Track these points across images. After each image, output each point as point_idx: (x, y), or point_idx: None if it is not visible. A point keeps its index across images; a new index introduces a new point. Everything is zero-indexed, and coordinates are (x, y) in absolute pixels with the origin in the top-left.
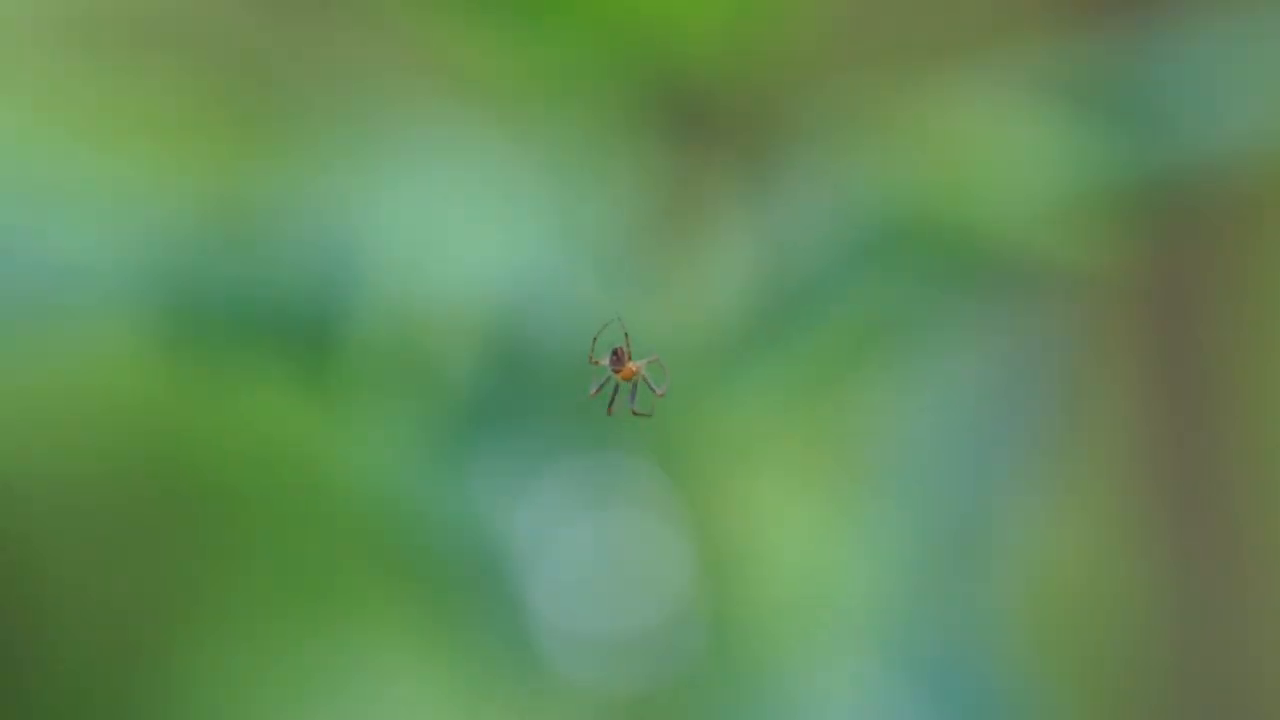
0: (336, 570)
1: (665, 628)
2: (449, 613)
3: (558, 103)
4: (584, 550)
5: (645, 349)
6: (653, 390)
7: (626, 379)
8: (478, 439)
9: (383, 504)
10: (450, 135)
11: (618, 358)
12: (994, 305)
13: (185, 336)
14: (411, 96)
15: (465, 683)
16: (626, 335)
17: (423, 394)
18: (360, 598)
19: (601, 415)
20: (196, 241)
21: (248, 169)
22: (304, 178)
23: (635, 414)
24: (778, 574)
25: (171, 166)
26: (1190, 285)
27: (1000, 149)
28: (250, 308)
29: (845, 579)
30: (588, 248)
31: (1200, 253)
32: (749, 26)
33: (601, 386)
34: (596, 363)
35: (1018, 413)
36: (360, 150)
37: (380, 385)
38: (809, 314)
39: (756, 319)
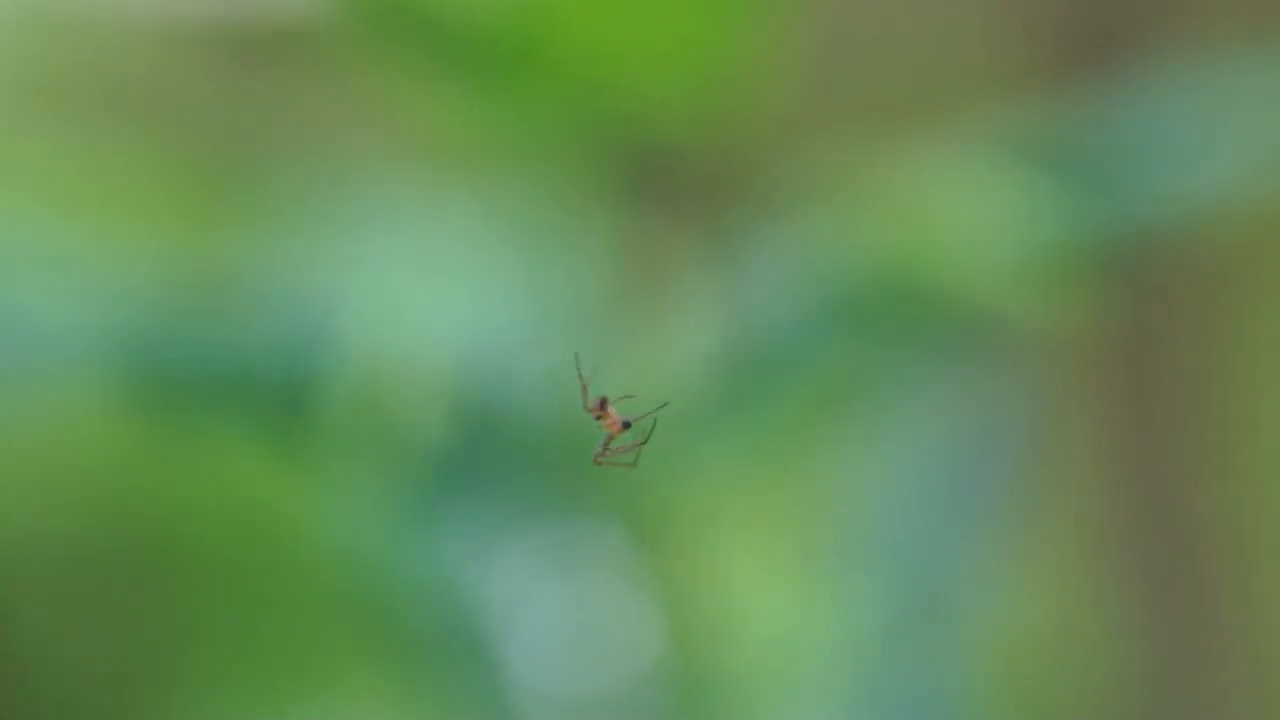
0: (310, 633)
1: (637, 688)
2: (423, 674)
3: (525, 165)
4: (556, 612)
5: (622, 400)
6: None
7: (611, 430)
8: (449, 502)
9: (355, 566)
10: (417, 198)
11: (601, 407)
12: (962, 366)
13: (156, 401)
14: (379, 160)
15: None
16: (584, 385)
17: (394, 457)
18: (334, 661)
19: (572, 477)
20: (167, 306)
21: (217, 233)
22: (273, 242)
23: (598, 462)
24: (747, 634)
25: (141, 231)
26: (1157, 343)
27: (967, 209)
28: (221, 372)
29: (814, 640)
30: (554, 310)
31: (1166, 311)
32: (716, 89)
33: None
34: (590, 410)
35: (986, 473)
36: (329, 214)
37: (351, 448)
38: (776, 376)
39: (724, 382)
